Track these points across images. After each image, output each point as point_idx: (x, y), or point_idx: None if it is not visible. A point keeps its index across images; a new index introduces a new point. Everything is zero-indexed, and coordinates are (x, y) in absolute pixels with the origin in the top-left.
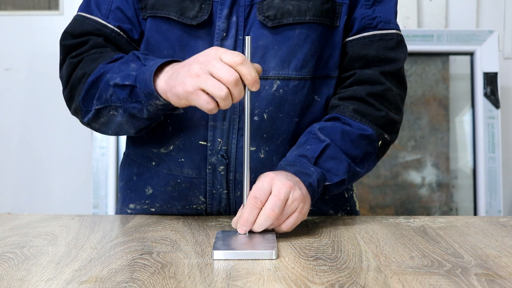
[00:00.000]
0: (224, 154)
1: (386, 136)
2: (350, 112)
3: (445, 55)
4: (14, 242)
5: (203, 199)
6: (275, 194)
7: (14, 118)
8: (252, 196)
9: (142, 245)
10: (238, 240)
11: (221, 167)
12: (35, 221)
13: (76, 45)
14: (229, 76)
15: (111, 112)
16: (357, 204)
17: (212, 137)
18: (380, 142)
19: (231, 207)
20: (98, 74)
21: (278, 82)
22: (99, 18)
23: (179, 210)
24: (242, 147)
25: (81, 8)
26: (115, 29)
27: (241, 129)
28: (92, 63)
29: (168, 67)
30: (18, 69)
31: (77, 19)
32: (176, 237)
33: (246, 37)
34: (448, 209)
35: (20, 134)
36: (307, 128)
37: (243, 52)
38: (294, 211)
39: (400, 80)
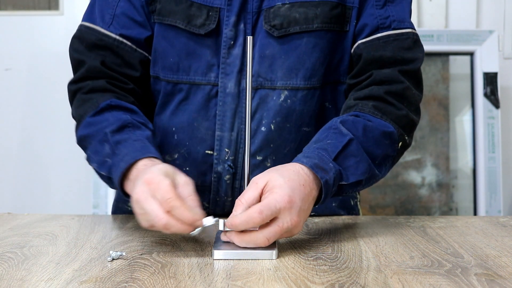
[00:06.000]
0: (231, 164)
1: (406, 137)
2: (370, 109)
3: (445, 55)
4: (14, 242)
5: (206, 205)
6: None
7: (14, 118)
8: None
9: (142, 245)
10: None
11: (227, 176)
12: (35, 221)
13: (74, 68)
14: (158, 221)
15: None
16: (360, 213)
17: (219, 147)
18: (400, 144)
19: None
20: (83, 134)
21: (286, 92)
22: (101, 27)
23: None
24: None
25: (85, 17)
26: (117, 37)
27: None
28: (80, 106)
29: (132, 173)
30: (18, 69)
31: (80, 30)
32: (176, 237)
33: (248, 37)
34: (448, 209)
35: (20, 134)
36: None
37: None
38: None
39: (418, 81)
